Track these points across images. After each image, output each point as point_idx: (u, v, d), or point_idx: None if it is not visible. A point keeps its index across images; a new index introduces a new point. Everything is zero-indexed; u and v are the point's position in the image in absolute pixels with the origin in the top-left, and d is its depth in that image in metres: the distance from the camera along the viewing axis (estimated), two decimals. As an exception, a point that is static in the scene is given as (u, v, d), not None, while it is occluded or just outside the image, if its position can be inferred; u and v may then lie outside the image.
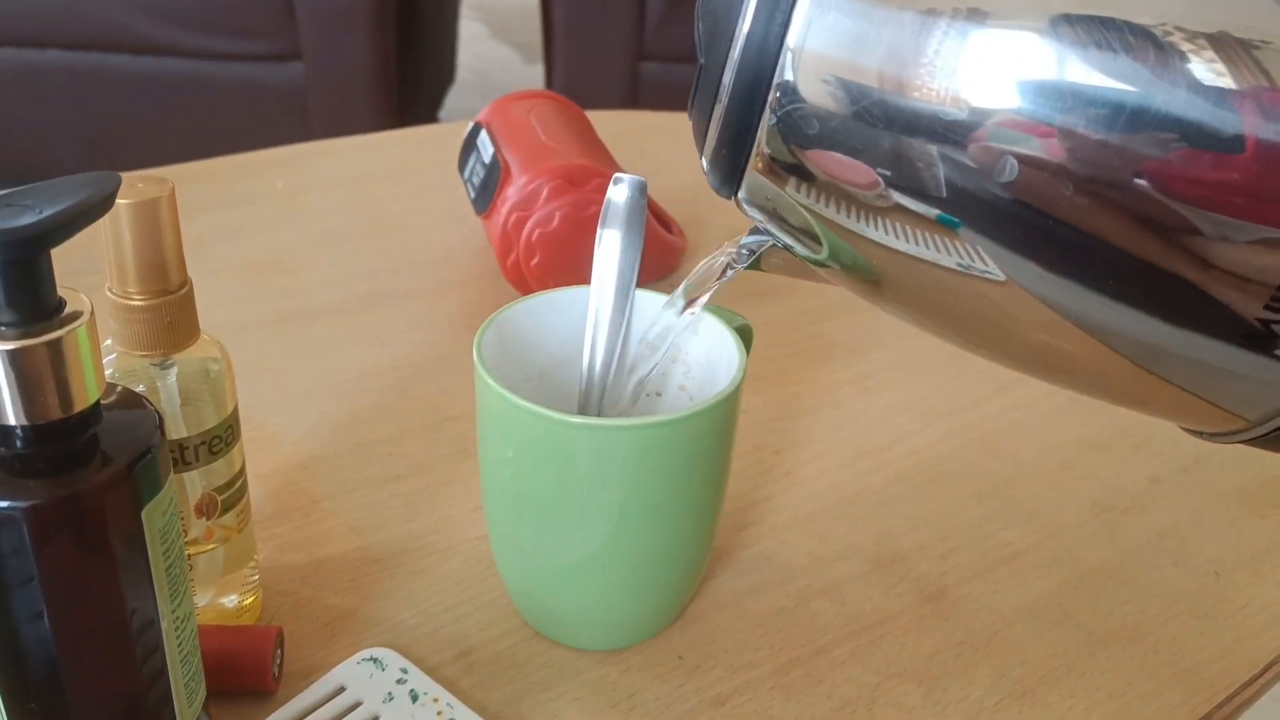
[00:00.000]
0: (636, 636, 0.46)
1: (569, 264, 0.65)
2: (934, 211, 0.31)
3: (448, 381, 0.62)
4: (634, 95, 1.82)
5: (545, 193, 0.65)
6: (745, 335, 0.46)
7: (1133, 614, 0.49)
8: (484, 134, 0.72)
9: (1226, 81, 0.27)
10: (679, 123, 0.98)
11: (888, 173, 0.31)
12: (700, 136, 0.35)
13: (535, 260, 0.65)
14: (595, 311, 0.45)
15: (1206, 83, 0.27)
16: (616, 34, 1.77)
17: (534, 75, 2.77)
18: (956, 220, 0.31)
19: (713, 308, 0.46)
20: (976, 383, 0.64)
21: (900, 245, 0.32)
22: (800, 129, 0.32)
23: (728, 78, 0.32)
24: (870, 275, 0.35)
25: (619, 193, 0.44)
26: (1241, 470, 0.58)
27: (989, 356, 0.36)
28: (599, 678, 0.45)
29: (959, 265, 0.31)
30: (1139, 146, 0.28)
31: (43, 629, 0.31)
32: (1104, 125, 0.28)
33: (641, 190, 0.44)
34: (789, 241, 0.37)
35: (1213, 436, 0.36)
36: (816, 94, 0.31)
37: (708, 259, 0.42)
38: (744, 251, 0.40)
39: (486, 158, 0.70)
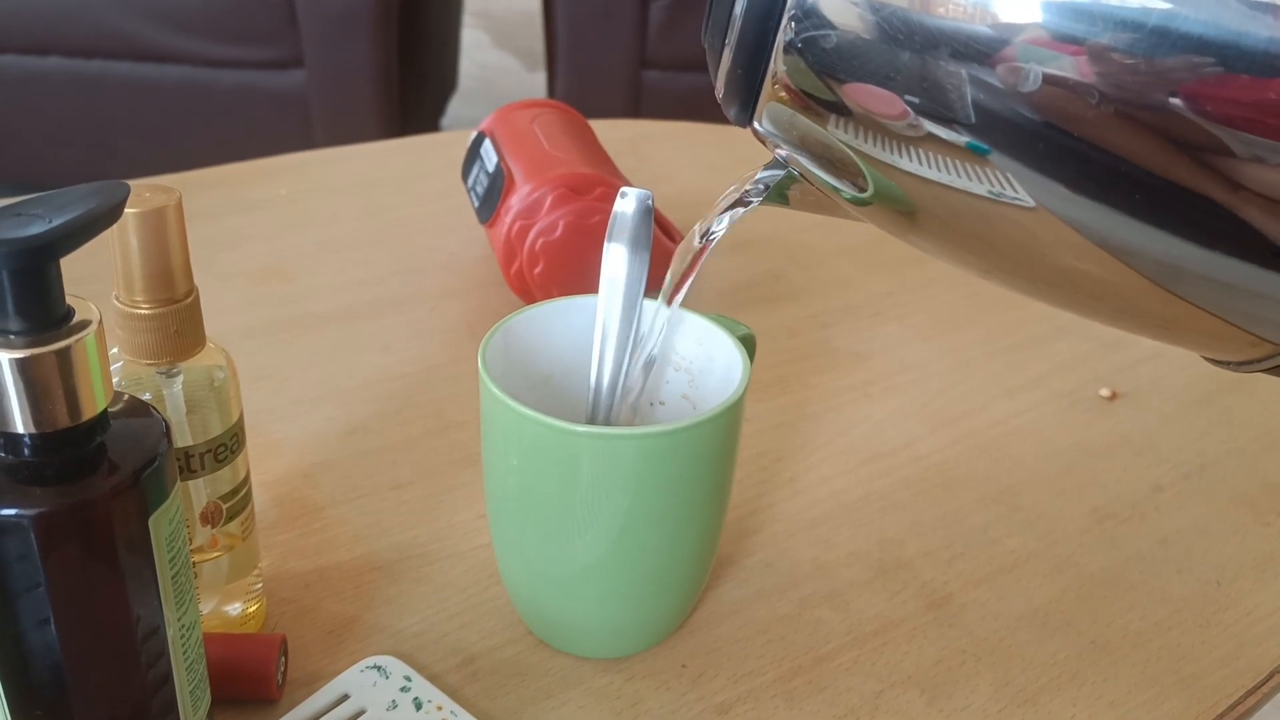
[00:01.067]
0: (640, 645, 0.46)
1: (572, 272, 0.65)
2: (960, 135, 0.30)
3: (451, 389, 0.62)
4: (636, 103, 1.82)
5: (549, 201, 0.65)
6: (748, 344, 0.46)
7: (1135, 621, 0.49)
8: (488, 143, 0.72)
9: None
10: (681, 130, 0.98)
11: (911, 95, 0.30)
12: (715, 63, 0.34)
13: (538, 268, 0.65)
14: (603, 324, 0.45)
15: None
16: (618, 42, 1.78)
17: (536, 83, 2.78)
18: (983, 143, 0.30)
19: (716, 316, 0.46)
20: (979, 389, 0.64)
21: (924, 170, 0.31)
22: (817, 46, 0.31)
23: (740, 1, 0.32)
24: (895, 203, 0.34)
25: (626, 205, 0.44)
26: (1244, 478, 0.58)
27: (1010, 284, 0.35)
28: (602, 686, 0.45)
29: (988, 192, 0.30)
30: (1172, 67, 0.27)
31: (49, 635, 0.31)
32: (1138, 45, 0.27)
33: (648, 204, 0.45)
34: (812, 169, 0.35)
35: (1237, 366, 0.35)
36: (833, 9, 0.30)
37: (720, 200, 0.41)
38: (759, 185, 0.39)
39: (490, 166, 0.70)
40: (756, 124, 0.34)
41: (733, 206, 0.41)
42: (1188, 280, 0.31)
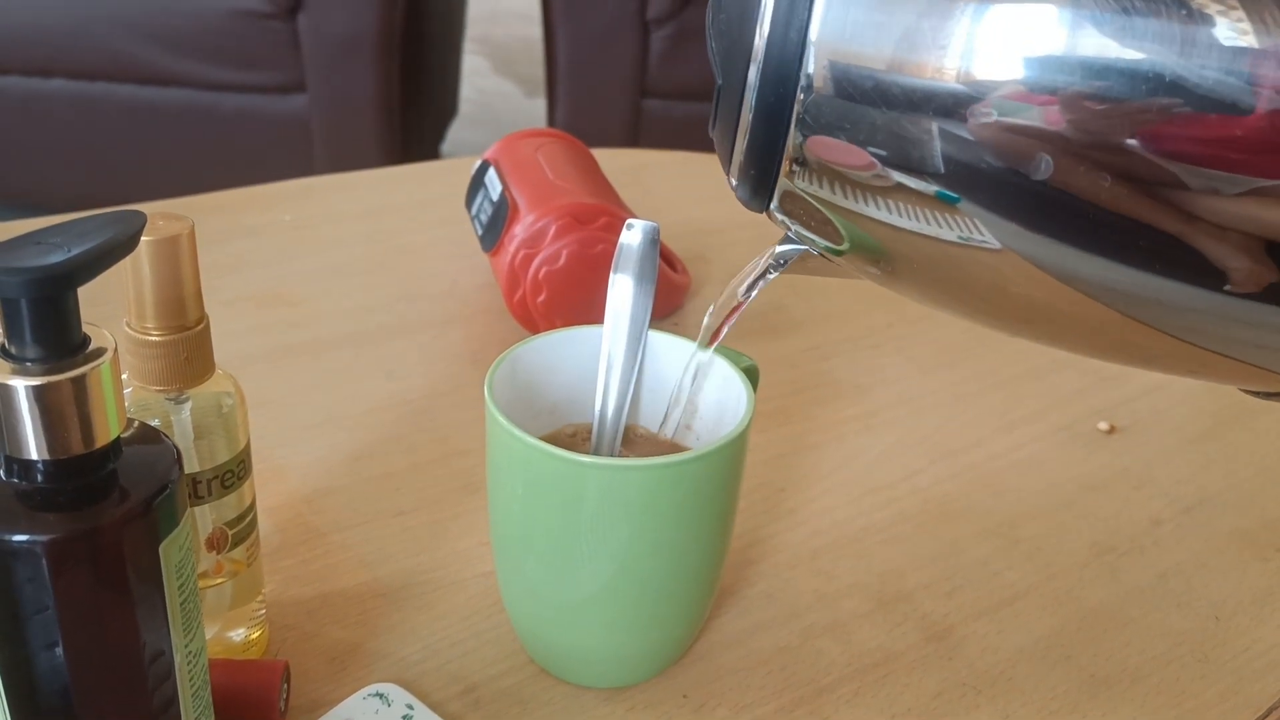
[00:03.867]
0: (642, 675, 0.46)
1: (575, 302, 0.66)
2: (985, 210, 0.30)
3: (454, 416, 0.62)
4: (636, 130, 1.83)
5: (553, 231, 0.65)
6: (752, 376, 0.46)
7: (1134, 656, 0.49)
8: (492, 171, 0.72)
9: (1240, 41, 0.27)
10: (682, 160, 0.99)
11: (932, 169, 0.30)
12: (725, 154, 0.34)
13: (542, 297, 0.66)
14: (608, 355, 0.45)
15: (1228, 45, 0.27)
16: (619, 70, 1.79)
17: (536, 109, 2.79)
18: (1007, 214, 0.30)
19: (720, 348, 0.47)
20: (980, 421, 0.65)
21: (948, 235, 0.31)
22: (831, 137, 0.31)
23: (749, 96, 0.32)
24: (914, 272, 0.34)
25: (633, 237, 0.45)
26: (1243, 513, 0.58)
27: (1046, 343, 0.36)
28: (604, 716, 0.45)
29: (1009, 256, 0.31)
30: (1136, 109, 0.28)
31: (56, 659, 0.31)
32: (1105, 89, 0.28)
33: (654, 236, 0.45)
34: (824, 245, 0.36)
35: (1269, 396, 0.36)
36: (845, 99, 0.30)
37: (735, 278, 0.42)
38: (780, 260, 0.40)
39: (494, 195, 0.70)
40: (771, 207, 0.35)
41: (756, 281, 0.41)
42: (1215, 334, 0.31)
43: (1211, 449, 0.64)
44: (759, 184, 0.34)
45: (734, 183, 0.35)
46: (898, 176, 0.31)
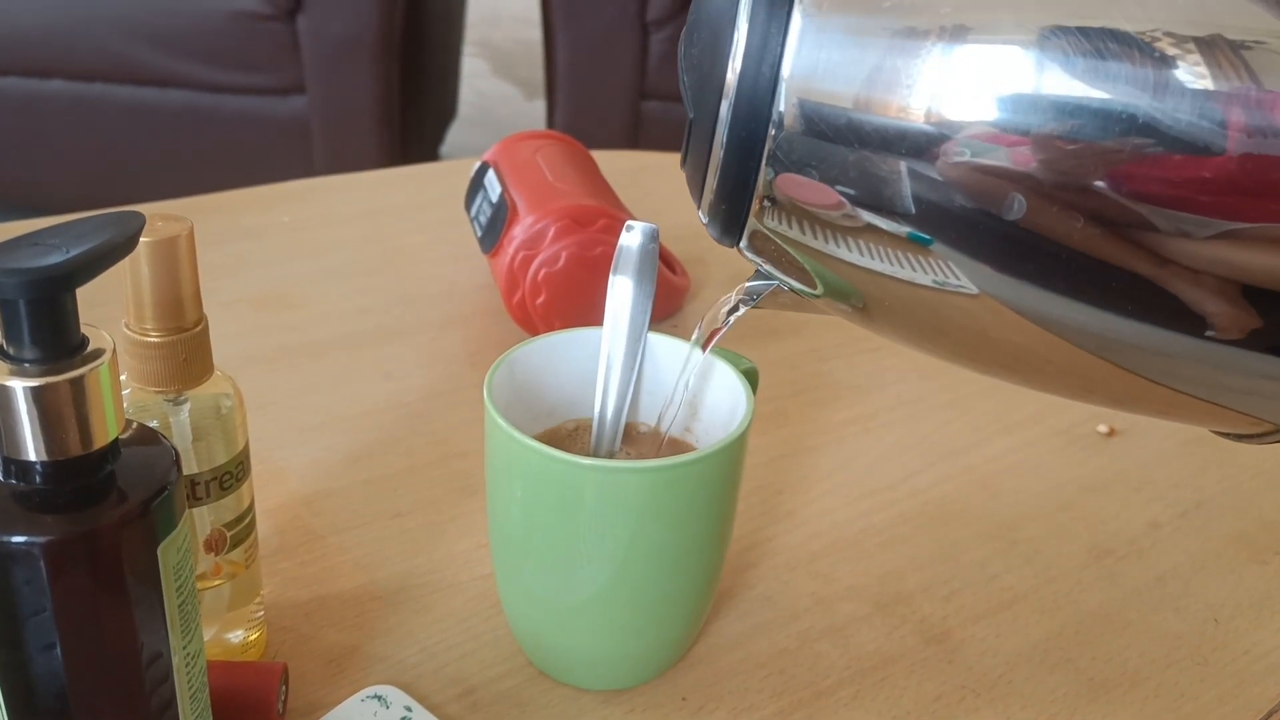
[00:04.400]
0: (640, 677, 0.46)
1: (574, 304, 0.65)
2: (957, 251, 0.30)
3: (452, 418, 0.62)
4: (635, 134, 1.83)
5: (552, 233, 0.65)
6: (751, 378, 0.46)
7: (1133, 659, 0.49)
8: (491, 173, 0.72)
9: (1209, 85, 0.27)
10: (682, 163, 0.98)
11: (903, 209, 0.30)
12: (696, 190, 0.34)
13: (540, 299, 0.66)
14: (607, 356, 0.45)
15: (1193, 88, 0.27)
16: (618, 73, 1.79)
17: (535, 111, 2.79)
18: (978, 255, 0.30)
19: (719, 350, 0.46)
20: (979, 424, 0.65)
21: (920, 278, 0.31)
22: (801, 175, 0.31)
23: (721, 132, 0.31)
24: (886, 313, 0.34)
25: (632, 239, 0.45)
26: (1241, 516, 0.58)
27: (1019, 383, 0.36)
28: (602, 718, 0.45)
29: (982, 295, 0.31)
30: (1107, 150, 0.28)
31: (54, 661, 0.31)
32: (1075, 130, 0.28)
33: (653, 238, 0.45)
34: (793, 284, 0.36)
35: (1240, 438, 0.36)
36: (816, 136, 0.30)
37: (716, 305, 0.42)
38: (749, 296, 0.40)
39: (494, 197, 0.70)
40: (742, 244, 0.35)
41: (730, 312, 0.42)
42: (1183, 375, 0.31)
43: (1210, 452, 0.64)
44: (730, 221, 0.33)
45: (705, 219, 0.34)
46: (868, 216, 0.31)
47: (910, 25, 0.29)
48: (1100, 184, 0.28)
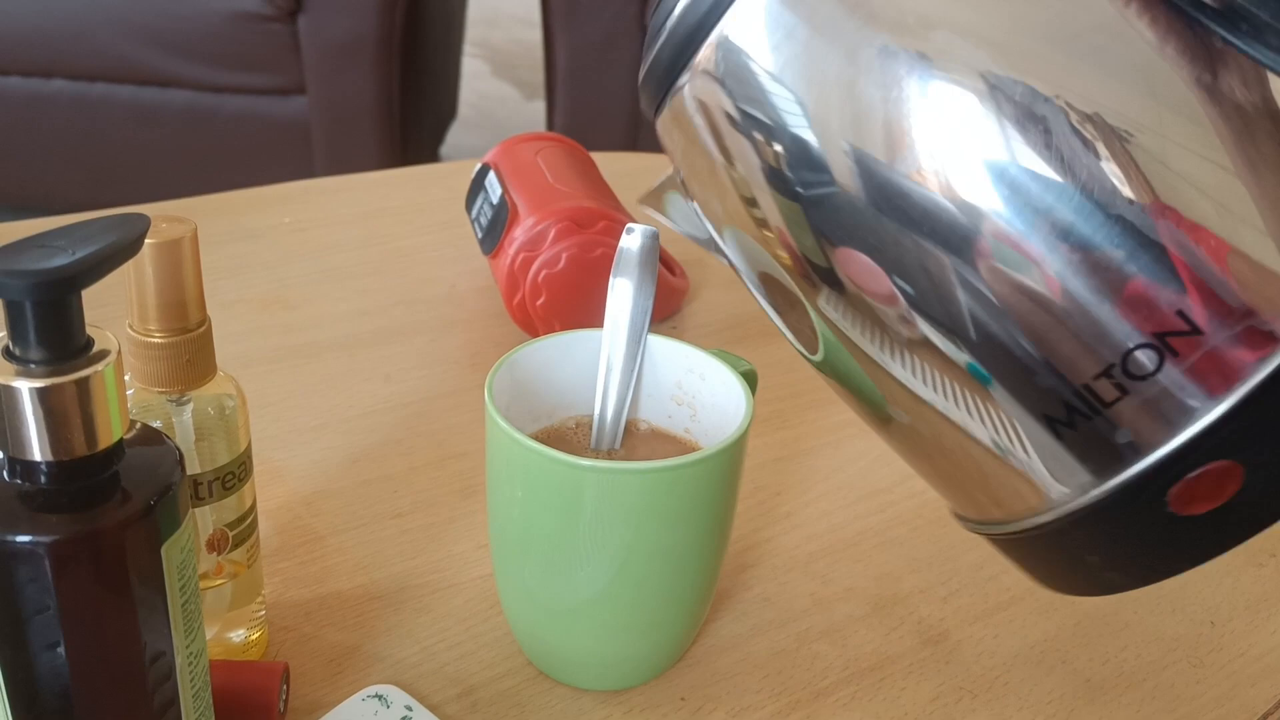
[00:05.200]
0: (639, 678, 0.46)
1: (574, 305, 0.66)
2: (796, 205, 0.36)
3: (453, 419, 0.63)
4: (635, 135, 1.83)
5: (552, 234, 0.65)
6: (750, 380, 0.47)
7: (1129, 661, 0.50)
8: (492, 175, 0.73)
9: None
10: (682, 165, 0.99)
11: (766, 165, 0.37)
12: (649, 50, 0.40)
13: (541, 300, 0.66)
14: (607, 357, 0.46)
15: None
16: (618, 74, 1.79)
17: (535, 112, 2.79)
18: (827, 227, 0.36)
19: (718, 352, 0.47)
20: (975, 428, 0.65)
21: (780, 210, 0.37)
22: (709, 95, 0.37)
23: (670, 22, 0.38)
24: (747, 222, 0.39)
25: (632, 241, 0.45)
26: (1237, 519, 0.59)
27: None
28: (601, 718, 0.45)
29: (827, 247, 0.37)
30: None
31: (58, 660, 0.32)
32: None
33: (654, 240, 0.45)
34: (693, 185, 0.41)
35: (965, 521, 0.41)
36: (730, 75, 0.36)
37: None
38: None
39: (494, 198, 0.71)
40: (659, 120, 0.41)
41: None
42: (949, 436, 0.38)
43: (1207, 455, 0.64)
44: (656, 93, 0.40)
45: (640, 79, 0.41)
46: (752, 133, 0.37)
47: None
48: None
